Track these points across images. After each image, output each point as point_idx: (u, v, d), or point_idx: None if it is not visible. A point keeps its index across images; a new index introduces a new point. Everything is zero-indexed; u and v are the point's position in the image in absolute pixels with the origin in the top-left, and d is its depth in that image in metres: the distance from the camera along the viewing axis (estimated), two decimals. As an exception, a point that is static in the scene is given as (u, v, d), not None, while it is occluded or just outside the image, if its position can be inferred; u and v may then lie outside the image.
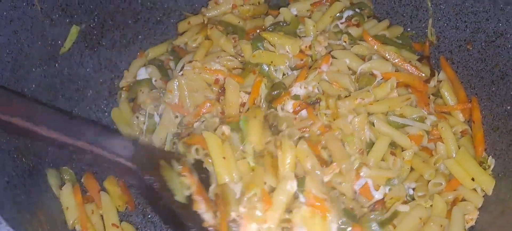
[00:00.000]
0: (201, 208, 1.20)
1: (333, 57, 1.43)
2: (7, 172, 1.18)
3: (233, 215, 1.19)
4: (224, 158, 1.23)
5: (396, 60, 1.42)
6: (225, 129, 1.29)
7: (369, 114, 1.32)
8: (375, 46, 1.43)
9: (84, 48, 1.50)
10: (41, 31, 1.35)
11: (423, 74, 1.41)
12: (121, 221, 1.40)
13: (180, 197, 1.18)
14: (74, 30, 1.46)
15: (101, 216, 1.39)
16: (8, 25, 1.25)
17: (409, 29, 1.58)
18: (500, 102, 1.33)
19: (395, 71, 1.40)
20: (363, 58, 1.45)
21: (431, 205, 1.26)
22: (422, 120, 1.35)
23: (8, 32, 1.25)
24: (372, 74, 1.39)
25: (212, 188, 1.25)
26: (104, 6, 1.52)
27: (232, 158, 1.24)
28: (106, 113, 1.60)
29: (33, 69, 1.34)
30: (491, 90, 1.37)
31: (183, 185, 1.20)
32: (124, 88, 1.61)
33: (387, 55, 1.42)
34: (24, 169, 1.25)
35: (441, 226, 1.20)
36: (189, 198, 1.20)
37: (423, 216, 1.23)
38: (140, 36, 1.65)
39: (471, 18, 1.40)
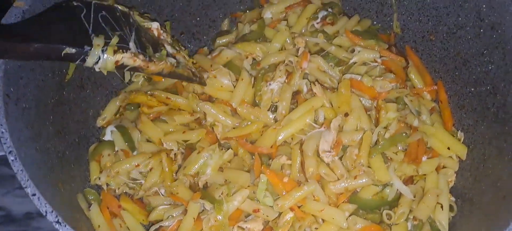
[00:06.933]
0: None
1: (322, 50, 1.63)
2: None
3: None
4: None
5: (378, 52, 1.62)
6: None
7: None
8: (360, 42, 1.63)
9: (82, 71, 1.55)
10: (50, 63, 1.39)
11: (403, 61, 1.64)
12: (148, 231, 1.50)
13: None
14: (74, 56, 1.50)
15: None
16: (27, 64, 1.29)
17: (375, 22, 1.79)
18: (464, 84, 1.58)
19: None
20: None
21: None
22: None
23: (27, 71, 1.29)
24: (365, 63, 1.60)
25: None
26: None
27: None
28: (105, 131, 1.67)
29: (48, 101, 1.39)
30: (454, 75, 1.61)
31: None
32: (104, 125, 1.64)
33: (368, 47, 1.63)
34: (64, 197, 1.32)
35: (437, 195, 1.44)
36: None
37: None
38: (127, 51, 1.71)
39: (433, 12, 1.63)
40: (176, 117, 1.59)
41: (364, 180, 1.42)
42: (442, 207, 1.44)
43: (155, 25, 1.48)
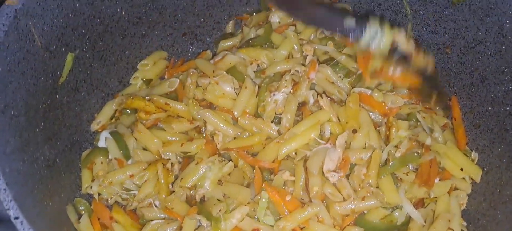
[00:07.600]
0: None
1: (331, 59, 1.54)
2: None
3: None
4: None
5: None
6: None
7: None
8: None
9: (78, 73, 1.47)
10: (43, 65, 1.31)
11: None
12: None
13: None
14: (70, 58, 1.42)
15: (120, 242, 1.42)
16: (17, 67, 1.21)
17: (388, 32, 1.69)
18: (480, 102, 1.49)
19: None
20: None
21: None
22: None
23: (17, 75, 1.21)
24: None
25: None
26: (95, 29, 1.48)
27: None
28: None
29: (40, 106, 1.31)
30: (471, 91, 1.52)
31: None
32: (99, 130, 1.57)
33: (380, 59, 1.54)
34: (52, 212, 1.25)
35: (448, 220, 1.36)
36: None
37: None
38: (127, 52, 1.63)
39: (450, 25, 1.53)
40: (174, 125, 1.50)
41: (372, 202, 1.34)
42: (453, 233, 1.36)
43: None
